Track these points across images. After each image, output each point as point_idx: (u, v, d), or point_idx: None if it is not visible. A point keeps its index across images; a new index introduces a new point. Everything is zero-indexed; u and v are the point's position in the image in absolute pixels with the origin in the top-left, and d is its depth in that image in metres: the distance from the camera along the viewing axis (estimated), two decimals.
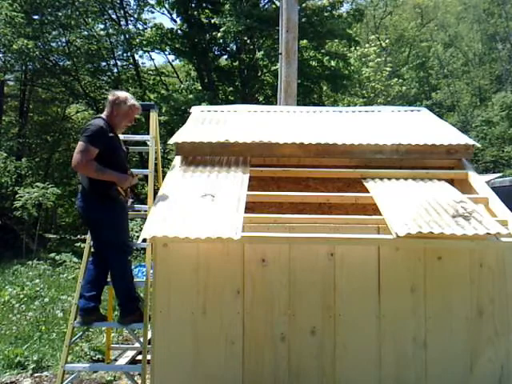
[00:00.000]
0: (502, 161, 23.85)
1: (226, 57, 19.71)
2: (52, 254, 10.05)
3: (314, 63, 17.94)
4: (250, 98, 16.76)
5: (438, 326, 3.36)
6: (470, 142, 4.29)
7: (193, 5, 18.22)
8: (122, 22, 19.87)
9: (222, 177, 3.94)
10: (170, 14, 19.39)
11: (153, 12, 20.16)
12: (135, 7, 20.12)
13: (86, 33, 18.72)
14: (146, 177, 4.85)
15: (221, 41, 17.67)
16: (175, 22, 19.15)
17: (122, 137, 4.83)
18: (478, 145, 4.46)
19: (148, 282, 4.06)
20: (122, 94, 4.03)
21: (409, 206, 3.46)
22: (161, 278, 3.42)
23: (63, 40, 18.66)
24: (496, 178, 12.16)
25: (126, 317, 3.95)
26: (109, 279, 4.09)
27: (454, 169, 4.20)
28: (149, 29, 18.89)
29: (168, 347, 3.38)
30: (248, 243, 3.32)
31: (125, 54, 19.71)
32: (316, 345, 3.36)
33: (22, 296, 7.45)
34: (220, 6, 16.95)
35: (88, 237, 4.38)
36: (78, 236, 17.42)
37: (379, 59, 23.78)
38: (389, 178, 3.95)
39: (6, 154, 16.68)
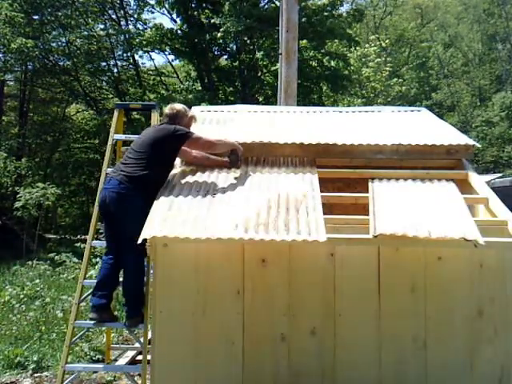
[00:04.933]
0: (502, 161, 23.88)
1: (225, 57, 19.72)
2: (52, 254, 10.03)
3: (313, 63, 17.95)
4: (250, 99, 16.76)
5: (438, 325, 3.35)
6: (470, 142, 4.29)
7: (193, 5, 18.22)
8: (122, 22, 19.88)
9: (222, 177, 3.94)
10: (170, 14, 19.41)
11: (153, 12, 20.20)
12: (135, 7, 20.14)
13: (85, 33, 18.72)
14: None
15: (221, 41, 17.69)
16: (175, 22, 19.17)
17: (123, 137, 4.85)
18: (478, 145, 4.46)
19: (148, 282, 4.06)
20: (179, 106, 4.17)
21: (399, 209, 3.50)
22: (161, 278, 3.42)
23: (63, 40, 18.66)
24: (496, 178, 12.17)
25: (133, 318, 3.90)
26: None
27: (454, 169, 4.20)
28: (149, 29, 18.89)
29: (168, 347, 3.38)
30: (248, 244, 3.32)
31: (125, 54, 19.73)
32: (316, 345, 3.36)
33: (22, 296, 7.44)
34: (220, 6, 16.95)
35: (89, 236, 4.37)
36: (78, 236, 17.45)
37: (379, 59, 23.78)
38: (388, 179, 3.95)
39: (5, 154, 16.68)
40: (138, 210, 3.68)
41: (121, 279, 4.02)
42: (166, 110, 4.13)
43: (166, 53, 19.99)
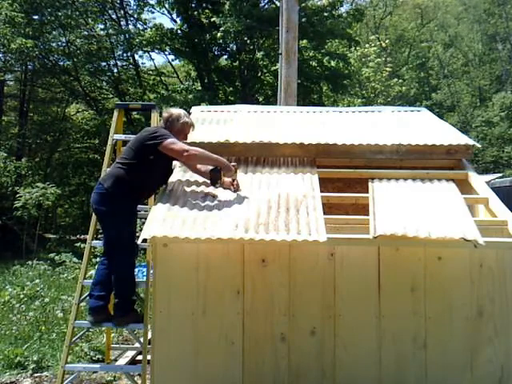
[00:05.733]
0: (502, 161, 23.89)
1: (225, 57, 19.70)
2: (52, 254, 10.02)
3: (313, 63, 17.94)
4: (249, 98, 16.75)
5: (438, 326, 3.36)
6: (470, 142, 4.30)
7: (193, 5, 18.22)
8: (122, 22, 19.87)
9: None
10: (170, 14, 19.41)
11: (153, 12, 20.17)
12: (135, 7, 20.11)
13: (85, 33, 18.72)
14: None
15: (221, 41, 17.67)
16: (175, 22, 19.17)
17: (123, 137, 4.84)
18: (478, 145, 4.46)
19: (148, 282, 4.06)
20: (175, 111, 4.00)
21: (399, 209, 3.51)
22: (161, 278, 3.42)
23: (63, 40, 18.65)
24: (496, 178, 12.19)
25: (119, 317, 3.90)
26: None
27: (454, 169, 4.20)
28: (149, 29, 18.88)
29: (168, 347, 3.38)
30: (248, 244, 3.32)
31: (125, 54, 19.71)
32: (316, 345, 3.36)
33: (22, 296, 7.43)
34: (220, 5, 16.96)
35: (89, 236, 4.38)
36: (78, 236, 17.41)
37: (379, 59, 23.79)
38: (388, 179, 3.96)
39: (6, 154, 16.67)
40: (114, 211, 3.75)
41: None
42: (163, 112, 4.07)
43: (166, 53, 19.97)
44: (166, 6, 18.91)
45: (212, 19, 16.62)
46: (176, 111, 4.01)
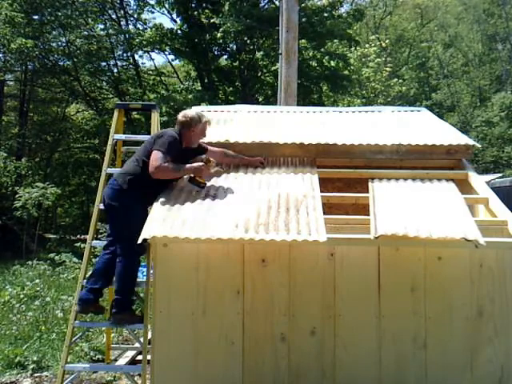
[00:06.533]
0: (502, 161, 23.90)
1: (225, 57, 19.71)
2: (52, 254, 10.02)
3: (313, 63, 17.95)
4: (249, 98, 16.76)
5: (438, 326, 3.36)
6: (470, 142, 4.30)
7: (193, 5, 18.23)
8: (122, 22, 19.88)
9: (222, 177, 3.95)
10: (170, 14, 19.43)
11: (153, 12, 20.20)
12: (135, 7, 20.13)
13: (85, 33, 18.72)
14: None
15: (221, 41, 17.68)
16: (175, 22, 19.19)
17: (123, 137, 4.84)
18: (478, 145, 4.47)
19: (148, 282, 4.06)
20: (193, 113, 4.03)
21: (399, 209, 3.51)
22: (161, 278, 3.42)
23: (63, 40, 18.66)
24: (496, 178, 12.19)
25: (116, 314, 3.87)
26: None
27: (454, 169, 4.21)
28: (149, 29, 18.89)
29: (168, 347, 3.39)
30: (248, 244, 3.32)
31: (125, 54, 19.72)
32: (316, 345, 3.36)
33: (22, 296, 7.43)
34: (220, 6, 16.96)
35: (89, 236, 4.38)
36: (78, 236, 17.40)
37: (379, 59, 23.79)
38: (388, 179, 3.96)
39: (6, 154, 16.67)
40: (125, 207, 3.76)
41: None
42: (180, 116, 4.04)
43: (166, 53, 19.98)
44: (166, 6, 18.93)
45: (212, 20, 16.62)
46: (193, 113, 4.02)
